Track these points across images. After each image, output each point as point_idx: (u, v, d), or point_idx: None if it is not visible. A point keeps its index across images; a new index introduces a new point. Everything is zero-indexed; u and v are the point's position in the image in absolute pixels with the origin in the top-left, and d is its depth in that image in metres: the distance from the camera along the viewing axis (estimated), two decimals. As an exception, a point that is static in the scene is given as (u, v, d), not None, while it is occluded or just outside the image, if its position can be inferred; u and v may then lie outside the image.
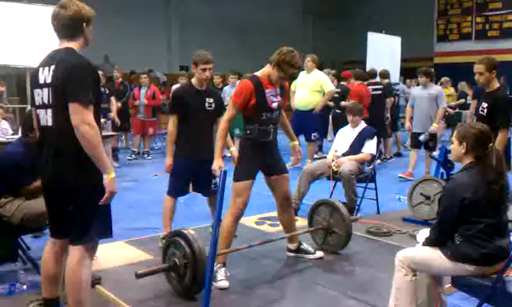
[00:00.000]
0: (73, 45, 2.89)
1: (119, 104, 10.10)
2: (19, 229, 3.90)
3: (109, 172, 2.81)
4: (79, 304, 2.89)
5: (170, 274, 3.67)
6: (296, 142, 4.53)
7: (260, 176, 4.20)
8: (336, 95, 9.79)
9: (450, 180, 3.12)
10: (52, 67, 2.80)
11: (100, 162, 2.77)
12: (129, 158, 10.47)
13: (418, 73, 8.03)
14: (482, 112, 4.84)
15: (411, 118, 7.95)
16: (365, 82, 9.77)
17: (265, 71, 4.00)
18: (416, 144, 7.87)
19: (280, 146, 4.29)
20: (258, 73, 4.02)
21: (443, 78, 12.57)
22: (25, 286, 3.82)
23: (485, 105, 4.83)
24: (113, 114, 9.72)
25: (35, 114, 2.96)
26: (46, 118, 2.86)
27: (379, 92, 9.90)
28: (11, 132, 7.47)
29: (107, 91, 9.61)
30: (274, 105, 4.01)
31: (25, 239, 4.23)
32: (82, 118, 2.69)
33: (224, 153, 4.73)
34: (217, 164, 3.85)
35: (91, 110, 2.74)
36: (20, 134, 4.53)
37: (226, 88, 10.14)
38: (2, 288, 3.80)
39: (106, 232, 3.03)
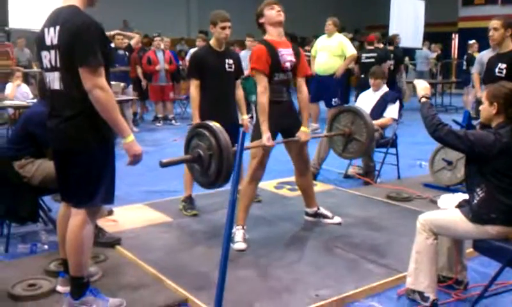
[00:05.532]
0: (77, 1, 2.78)
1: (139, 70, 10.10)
2: (40, 190, 3.93)
3: (126, 135, 2.76)
4: (79, 267, 2.89)
5: (194, 166, 3.47)
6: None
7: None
8: (373, 60, 9.59)
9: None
10: (57, 28, 2.70)
11: (117, 126, 2.72)
12: (158, 124, 10.38)
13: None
14: (500, 74, 4.67)
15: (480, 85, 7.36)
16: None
17: (268, 33, 3.98)
18: None
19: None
20: (265, 38, 3.99)
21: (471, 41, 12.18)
22: (46, 246, 3.89)
23: (503, 66, 4.70)
24: (143, 82, 9.81)
25: (44, 77, 2.91)
26: (54, 81, 2.79)
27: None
28: (31, 95, 7.52)
29: (127, 55, 9.55)
30: (287, 65, 3.94)
31: (46, 200, 4.28)
32: (93, 82, 2.62)
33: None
34: (266, 139, 3.78)
35: (102, 73, 2.66)
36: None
37: (242, 54, 9.96)
38: (24, 248, 3.88)
39: (110, 198, 2.97)
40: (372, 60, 9.57)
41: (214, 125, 3.29)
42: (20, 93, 7.80)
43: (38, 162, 3.89)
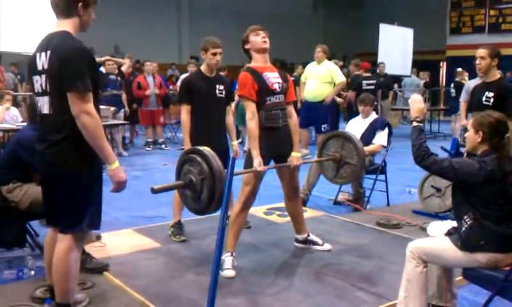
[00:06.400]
0: (69, 26, 2.78)
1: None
2: (27, 215, 3.89)
3: (111, 162, 2.75)
4: (65, 293, 2.86)
5: (185, 192, 3.38)
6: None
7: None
8: (372, 87, 9.67)
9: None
10: (48, 53, 2.72)
11: (102, 152, 2.72)
12: (148, 149, 10.32)
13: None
14: (487, 102, 4.73)
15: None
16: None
17: (254, 60, 4.00)
18: None
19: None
20: (250, 64, 4.02)
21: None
22: (33, 272, 3.82)
23: (490, 94, 4.76)
24: (127, 108, 9.73)
25: (34, 101, 2.91)
26: (44, 105, 2.80)
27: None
28: (21, 119, 7.48)
29: (119, 79, 9.56)
30: (276, 86, 3.95)
31: (34, 225, 4.23)
32: (81, 108, 2.63)
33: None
34: (257, 164, 3.76)
35: (90, 98, 2.67)
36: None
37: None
38: (11, 273, 3.81)
39: (96, 224, 2.96)
40: (373, 87, 9.68)
41: (205, 149, 3.26)
42: (9, 117, 7.75)
43: (25, 186, 3.86)
